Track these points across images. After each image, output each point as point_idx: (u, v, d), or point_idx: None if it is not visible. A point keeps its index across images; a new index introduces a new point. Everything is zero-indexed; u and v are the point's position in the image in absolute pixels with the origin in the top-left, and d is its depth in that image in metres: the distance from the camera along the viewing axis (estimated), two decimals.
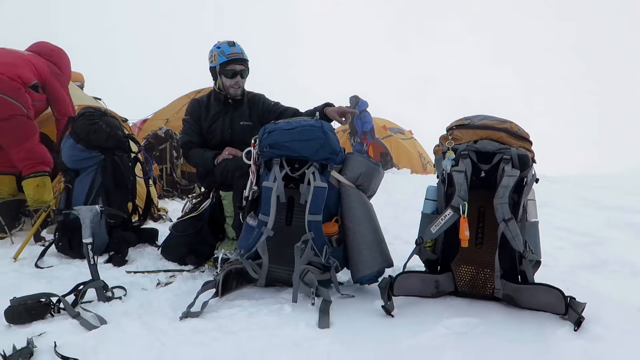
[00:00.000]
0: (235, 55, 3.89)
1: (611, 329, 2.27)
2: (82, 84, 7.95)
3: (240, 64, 3.94)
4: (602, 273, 3.34)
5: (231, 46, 3.90)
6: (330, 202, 3.05)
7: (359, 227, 3.05)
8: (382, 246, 3.11)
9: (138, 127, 10.24)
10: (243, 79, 4.00)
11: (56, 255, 4.01)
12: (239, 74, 3.93)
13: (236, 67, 3.92)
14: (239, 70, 3.93)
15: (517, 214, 2.62)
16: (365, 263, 3.01)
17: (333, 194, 3.08)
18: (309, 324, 2.46)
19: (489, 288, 2.72)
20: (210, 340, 2.37)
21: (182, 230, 3.83)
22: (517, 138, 2.71)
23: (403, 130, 15.29)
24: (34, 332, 2.38)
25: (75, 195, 4.09)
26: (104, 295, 2.93)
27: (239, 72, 3.93)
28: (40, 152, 4.62)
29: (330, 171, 3.06)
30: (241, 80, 3.98)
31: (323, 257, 2.95)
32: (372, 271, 3.01)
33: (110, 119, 4.28)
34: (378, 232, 3.13)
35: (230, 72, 3.91)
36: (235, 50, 3.90)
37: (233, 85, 3.97)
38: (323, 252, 2.95)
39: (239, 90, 4.01)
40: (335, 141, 3.10)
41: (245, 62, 3.97)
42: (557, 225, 4.76)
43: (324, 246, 2.96)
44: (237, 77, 3.94)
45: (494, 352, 2.14)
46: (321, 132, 3.05)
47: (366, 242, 3.03)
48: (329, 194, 3.00)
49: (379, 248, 3.06)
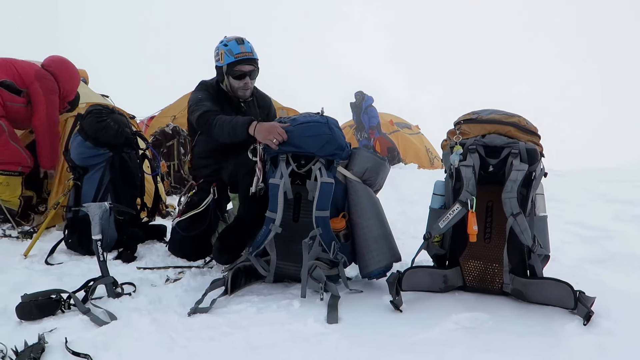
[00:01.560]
0: (244, 55, 3.56)
1: (621, 323, 2.26)
2: (86, 80, 7.97)
3: (250, 64, 3.61)
4: (612, 267, 3.33)
5: (240, 44, 3.57)
6: (337, 197, 3.03)
7: (366, 222, 3.03)
8: (390, 240, 3.09)
9: (145, 124, 10.26)
10: (252, 79, 3.71)
11: (66, 252, 4.03)
12: (247, 75, 3.64)
13: (245, 68, 3.60)
14: (248, 71, 3.61)
15: (525, 208, 2.61)
16: (373, 258, 3.00)
17: (340, 189, 3.06)
18: (318, 319, 2.47)
19: (498, 283, 2.72)
20: (220, 336, 2.38)
21: (186, 229, 3.69)
22: (525, 132, 2.70)
23: (410, 125, 15.23)
24: (45, 328, 2.40)
25: (84, 192, 4.11)
26: (113, 291, 2.95)
27: (248, 73, 3.62)
28: (8, 152, 4.61)
29: (336, 167, 3.04)
30: (250, 82, 3.69)
31: (331, 252, 2.94)
32: (380, 266, 3.00)
33: (118, 116, 4.29)
34: (385, 226, 3.12)
35: (238, 73, 3.60)
36: (244, 49, 3.57)
37: (242, 87, 3.66)
38: (331, 247, 2.94)
39: (248, 92, 3.72)
40: (341, 136, 3.08)
41: (255, 61, 3.65)
42: (566, 220, 4.74)
43: (331, 242, 2.95)
44: (246, 79, 3.63)
45: (502, 347, 2.14)
46: (327, 128, 3.03)
47: (374, 237, 3.02)
48: (335, 189, 2.98)
49: (386, 242, 3.05)
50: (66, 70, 5.01)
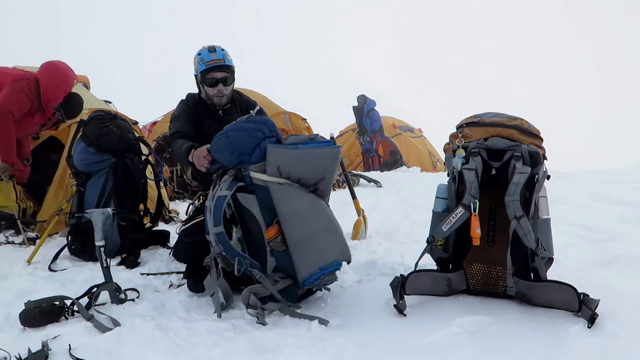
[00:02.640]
0: (215, 62, 3.60)
1: (626, 325, 2.25)
2: (88, 86, 7.99)
3: (222, 70, 3.64)
4: (616, 269, 3.32)
5: (211, 52, 3.62)
6: (264, 204, 2.81)
7: (286, 226, 2.76)
8: (317, 242, 2.78)
9: (148, 129, 10.28)
10: (227, 86, 3.70)
11: (69, 258, 4.04)
12: (220, 82, 3.66)
13: (217, 75, 3.63)
14: (221, 77, 3.65)
15: (528, 211, 2.61)
16: (297, 267, 2.74)
17: (263, 194, 2.81)
18: (322, 324, 2.48)
19: (502, 286, 2.71)
20: (224, 341, 2.39)
21: (189, 236, 3.67)
22: (527, 135, 2.70)
23: (412, 129, 15.22)
24: (48, 335, 2.41)
25: (87, 198, 4.12)
26: (117, 297, 2.96)
27: (220, 79, 3.65)
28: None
29: (248, 173, 2.82)
30: (224, 89, 3.69)
31: (236, 268, 2.74)
32: (313, 270, 2.71)
33: (120, 122, 4.31)
34: (310, 226, 2.80)
35: (210, 80, 3.64)
36: (215, 56, 3.61)
37: (216, 94, 3.69)
38: (236, 263, 2.75)
39: (223, 99, 3.74)
40: (242, 141, 2.83)
41: (228, 68, 3.67)
42: (570, 222, 4.72)
43: (235, 257, 2.76)
44: (219, 86, 3.66)
45: (507, 350, 2.13)
46: (224, 137, 2.87)
47: (294, 243, 2.75)
48: (260, 195, 2.80)
49: (311, 246, 2.76)
50: (48, 71, 4.74)
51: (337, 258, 2.82)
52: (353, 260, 3.77)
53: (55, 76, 4.72)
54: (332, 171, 2.96)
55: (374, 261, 3.66)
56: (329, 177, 2.94)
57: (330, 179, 2.95)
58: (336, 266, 2.83)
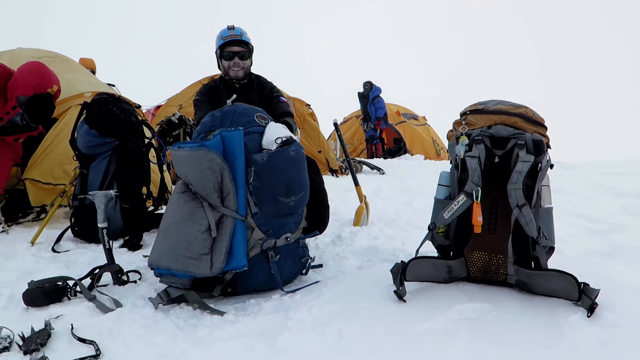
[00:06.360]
0: (232, 37, 3.83)
1: (626, 315, 2.25)
2: (94, 70, 8.00)
3: (238, 45, 3.86)
4: (618, 260, 3.31)
5: (230, 29, 3.87)
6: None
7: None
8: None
9: (152, 113, 10.28)
10: (243, 60, 3.90)
11: (72, 239, 4.06)
12: (236, 56, 3.86)
13: (233, 49, 3.85)
14: (237, 51, 3.86)
15: (531, 199, 2.60)
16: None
17: None
18: (322, 309, 2.49)
19: (502, 274, 2.72)
20: (224, 323, 2.40)
21: None
22: (531, 123, 2.68)
23: (417, 116, 15.18)
24: (51, 315, 2.43)
25: (91, 180, 4.13)
26: (119, 279, 2.98)
27: (236, 53, 3.85)
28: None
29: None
30: (240, 62, 3.88)
31: None
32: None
33: (124, 105, 4.31)
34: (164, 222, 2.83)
35: (228, 54, 3.85)
36: (233, 32, 3.85)
37: (232, 67, 3.87)
38: None
39: (240, 72, 3.90)
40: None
41: (244, 43, 3.89)
42: (572, 212, 4.72)
43: None
44: (235, 59, 3.85)
45: (506, 338, 2.14)
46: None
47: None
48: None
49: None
50: (31, 64, 4.38)
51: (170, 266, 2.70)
52: (354, 246, 3.80)
53: (34, 68, 4.32)
54: (194, 175, 2.76)
55: (375, 247, 3.67)
56: (194, 181, 2.78)
57: (194, 183, 2.78)
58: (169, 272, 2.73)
